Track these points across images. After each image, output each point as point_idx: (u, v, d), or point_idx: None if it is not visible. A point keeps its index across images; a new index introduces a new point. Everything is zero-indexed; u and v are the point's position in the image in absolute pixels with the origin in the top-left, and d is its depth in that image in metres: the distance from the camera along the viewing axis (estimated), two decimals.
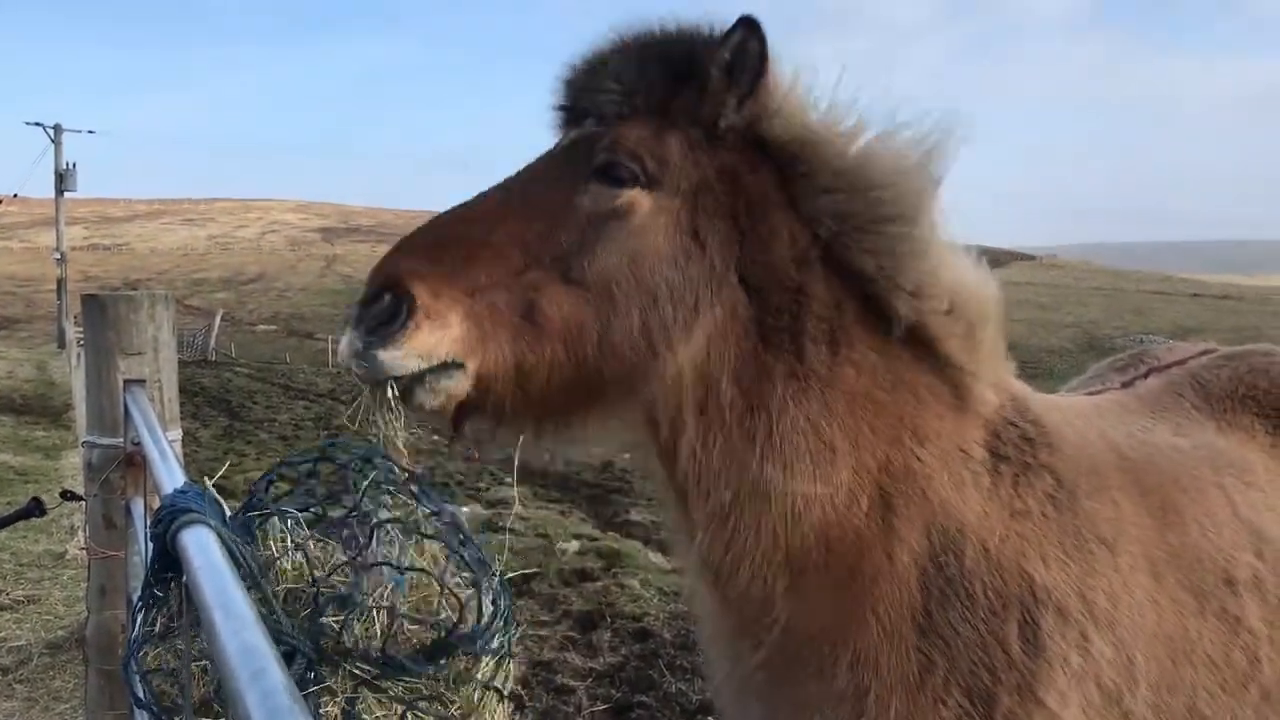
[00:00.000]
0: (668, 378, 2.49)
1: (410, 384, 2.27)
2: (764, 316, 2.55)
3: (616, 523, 15.91)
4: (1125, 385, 3.53)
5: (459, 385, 2.32)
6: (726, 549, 2.60)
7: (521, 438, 2.56)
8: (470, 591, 2.07)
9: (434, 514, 2.33)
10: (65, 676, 7.63)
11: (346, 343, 2.28)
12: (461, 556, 2.25)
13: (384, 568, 2.17)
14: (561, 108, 2.68)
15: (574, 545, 12.69)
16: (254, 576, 1.95)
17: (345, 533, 2.24)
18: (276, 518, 2.28)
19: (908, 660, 2.53)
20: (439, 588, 2.05)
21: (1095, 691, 2.58)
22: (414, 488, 2.31)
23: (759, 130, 2.58)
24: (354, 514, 2.26)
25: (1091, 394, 3.54)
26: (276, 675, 1.40)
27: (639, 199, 2.49)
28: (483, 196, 2.53)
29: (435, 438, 16.63)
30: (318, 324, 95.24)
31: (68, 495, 4.80)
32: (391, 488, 2.25)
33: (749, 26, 2.51)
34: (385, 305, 2.24)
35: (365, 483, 2.26)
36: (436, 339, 2.25)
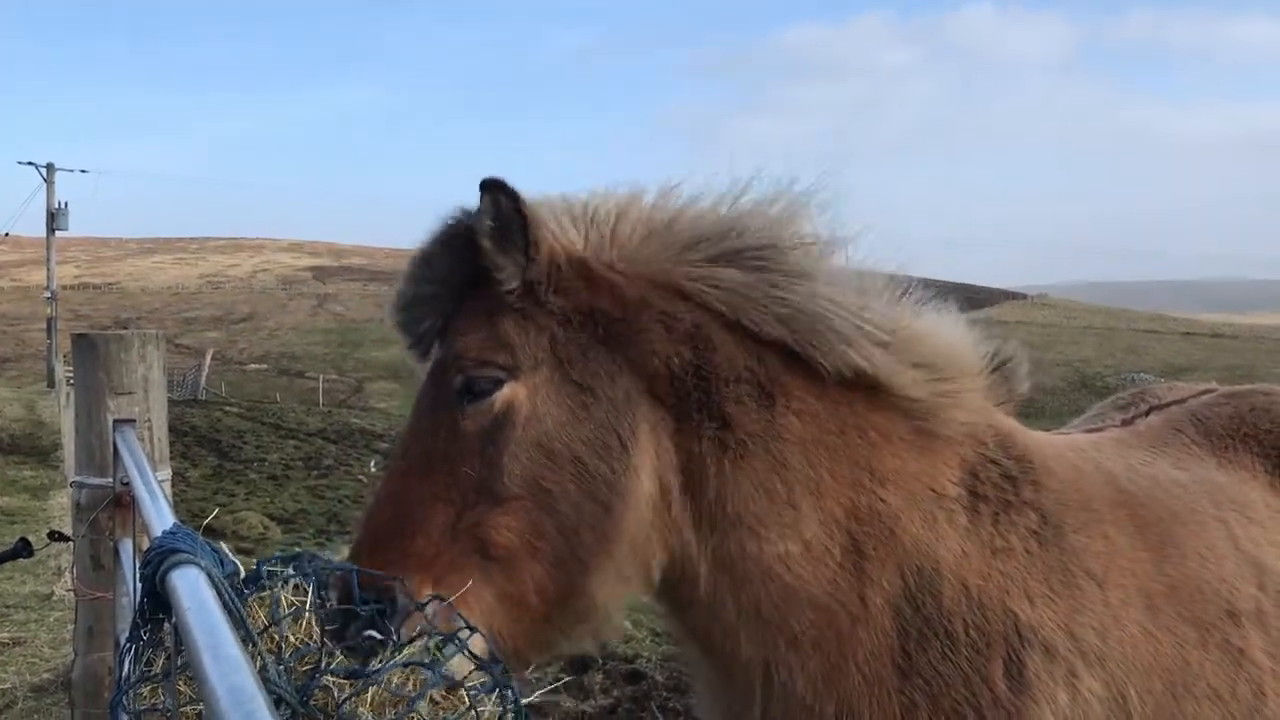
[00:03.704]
0: (634, 521, 2.49)
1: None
2: (681, 402, 2.54)
3: None
4: (1126, 423, 3.53)
5: (477, 644, 2.31)
6: (714, 622, 2.61)
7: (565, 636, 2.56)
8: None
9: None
10: None
11: None
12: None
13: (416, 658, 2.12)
14: (409, 346, 2.71)
15: None
16: (242, 620, 1.92)
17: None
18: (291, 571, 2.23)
19: (889, 703, 2.53)
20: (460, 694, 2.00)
21: None
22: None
23: (573, 274, 2.55)
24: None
25: (1091, 431, 3.54)
26: (266, 719, 1.37)
27: (512, 393, 2.48)
28: (389, 475, 2.54)
29: None
30: (309, 363, 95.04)
31: (56, 536, 4.75)
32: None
33: (493, 189, 2.47)
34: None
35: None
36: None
